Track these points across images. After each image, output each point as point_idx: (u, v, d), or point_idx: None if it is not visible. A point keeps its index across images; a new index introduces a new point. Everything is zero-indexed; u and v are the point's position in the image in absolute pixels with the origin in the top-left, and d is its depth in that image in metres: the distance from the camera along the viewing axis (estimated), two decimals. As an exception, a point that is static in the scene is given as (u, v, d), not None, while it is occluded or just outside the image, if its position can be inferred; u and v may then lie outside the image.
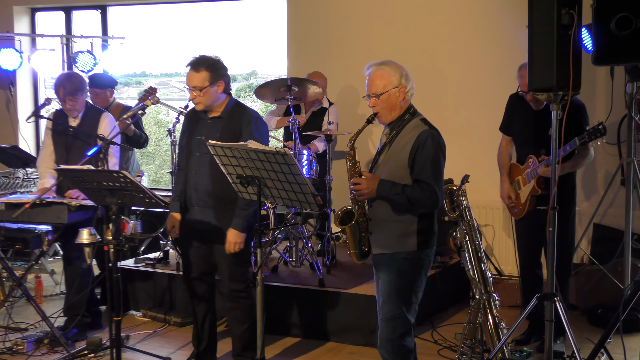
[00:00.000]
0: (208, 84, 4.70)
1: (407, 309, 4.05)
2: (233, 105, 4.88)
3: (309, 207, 4.15)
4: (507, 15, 6.94)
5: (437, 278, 6.22)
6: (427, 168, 3.94)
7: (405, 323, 4.06)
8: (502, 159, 5.62)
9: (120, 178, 4.40)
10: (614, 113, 6.29)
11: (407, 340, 4.09)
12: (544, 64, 3.98)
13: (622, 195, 6.25)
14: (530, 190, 5.27)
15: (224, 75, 4.81)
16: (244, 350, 4.98)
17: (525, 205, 5.34)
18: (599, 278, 6.22)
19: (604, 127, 4.71)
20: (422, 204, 3.96)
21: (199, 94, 4.71)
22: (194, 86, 4.71)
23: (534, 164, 5.22)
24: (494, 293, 4.39)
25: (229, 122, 4.81)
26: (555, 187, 4.13)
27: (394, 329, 4.05)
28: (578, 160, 5.21)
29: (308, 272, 6.31)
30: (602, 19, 3.76)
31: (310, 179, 6.23)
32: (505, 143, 5.64)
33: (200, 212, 4.86)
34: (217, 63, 4.78)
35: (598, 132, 4.72)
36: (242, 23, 11.38)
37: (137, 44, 9.14)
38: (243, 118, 4.80)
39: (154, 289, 6.46)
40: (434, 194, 3.94)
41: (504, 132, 5.64)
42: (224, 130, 4.77)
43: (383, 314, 4.10)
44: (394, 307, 4.04)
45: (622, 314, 3.94)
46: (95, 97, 6.79)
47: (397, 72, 4.06)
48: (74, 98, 5.69)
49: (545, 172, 5.09)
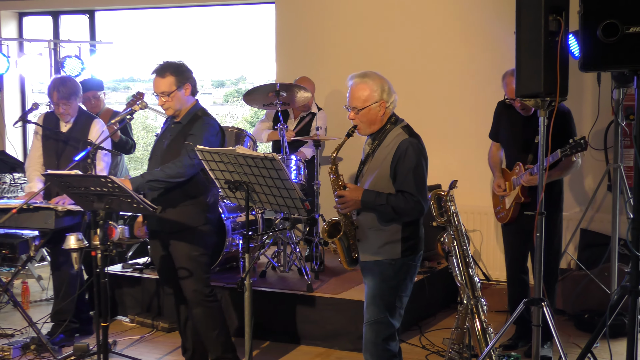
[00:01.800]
0: (175, 88, 4.74)
1: (390, 313, 4.06)
2: (196, 111, 4.89)
3: (297, 212, 4.15)
4: (496, 22, 6.97)
5: (425, 283, 6.23)
6: (410, 178, 3.94)
7: (388, 327, 4.06)
8: (492, 161, 5.66)
9: (108, 183, 4.39)
10: (600, 119, 6.32)
11: (391, 345, 4.09)
12: (532, 70, 4.01)
13: (609, 200, 6.29)
14: (515, 197, 5.30)
15: (190, 78, 4.84)
16: (224, 353, 4.97)
17: (510, 211, 5.37)
18: (586, 283, 6.24)
19: (585, 142, 4.74)
20: (407, 214, 3.97)
21: (167, 99, 4.75)
22: (162, 92, 4.75)
23: (520, 171, 5.25)
24: (481, 298, 4.40)
25: (185, 129, 4.82)
26: (542, 192, 4.15)
27: (377, 333, 4.05)
28: (562, 171, 5.23)
29: (296, 277, 6.31)
30: (589, 25, 3.77)
31: (299, 184, 6.23)
32: (495, 148, 5.67)
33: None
34: (182, 66, 4.81)
35: (579, 147, 4.75)
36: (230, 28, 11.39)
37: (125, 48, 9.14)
38: (196, 122, 4.81)
39: (142, 294, 6.44)
40: (419, 204, 3.94)
41: (493, 138, 5.68)
42: (179, 135, 4.81)
43: (367, 318, 4.10)
44: (377, 311, 4.05)
45: (609, 318, 3.95)
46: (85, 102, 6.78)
47: (378, 87, 4.02)
48: (67, 102, 5.68)
49: (528, 182, 5.12)
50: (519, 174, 5.25)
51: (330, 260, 6.64)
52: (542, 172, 4.18)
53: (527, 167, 5.17)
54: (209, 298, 4.92)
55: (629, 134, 6.20)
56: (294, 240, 6.42)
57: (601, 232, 6.61)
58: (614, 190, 5.96)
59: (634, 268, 3.86)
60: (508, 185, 5.40)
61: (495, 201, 5.59)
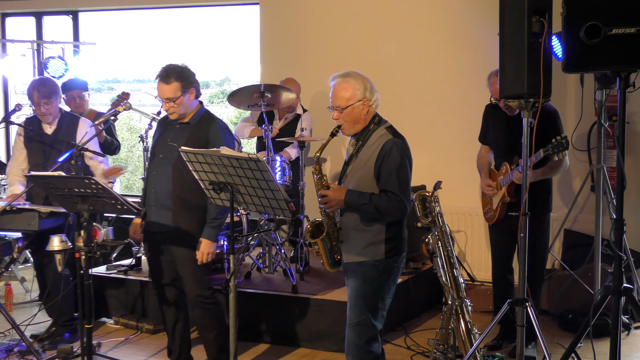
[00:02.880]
0: (180, 93, 4.70)
1: (373, 315, 4.06)
2: (203, 113, 4.88)
3: (282, 214, 4.14)
4: (480, 23, 6.99)
5: (410, 284, 6.24)
6: (393, 178, 3.95)
7: (371, 329, 4.07)
8: (481, 162, 5.67)
9: (92, 184, 4.37)
10: (584, 120, 6.36)
11: (374, 346, 4.10)
12: (515, 71, 4.02)
13: (592, 201, 6.32)
14: (501, 198, 5.32)
15: (195, 82, 4.80)
16: (219, 354, 4.96)
17: (497, 212, 5.39)
18: (569, 283, 6.27)
19: (566, 141, 4.77)
20: (390, 213, 3.98)
21: (172, 104, 4.71)
22: (167, 98, 4.70)
23: (507, 171, 5.27)
24: (466, 299, 4.41)
25: (196, 130, 4.80)
26: (526, 192, 4.16)
27: (360, 334, 4.06)
28: (548, 169, 5.24)
29: (281, 278, 6.31)
30: (572, 27, 3.79)
31: (284, 185, 6.22)
32: (485, 151, 5.68)
33: (158, 214, 4.84)
34: (186, 71, 4.77)
35: (561, 146, 4.78)
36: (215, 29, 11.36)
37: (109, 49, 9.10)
38: (210, 128, 4.79)
39: (126, 296, 6.42)
40: (402, 204, 3.96)
41: (482, 141, 5.69)
42: (191, 137, 4.76)
43: (349, 319, 4.11)
44: (360, 313, 4.05)
45: (593, 318, 3.97)
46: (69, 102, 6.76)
47: (361, 85, 4.05)
48: (49, 101, 5.66)
49: (519, 179, 5.13)
50: (505, 174, 5.27)
51: (315, 261, 6.64)
52: (525, 173, 4.20)
53: (514, 166, 5.19)
54: (209, 300, 4.92)
55: (612, 134, 6.23)
56: (278, 241, 6.41)
57: (585, 232, 6.65)
58: (597, 191, 5.99)
59: (617, 268, 3.88)
60: (495, 185, 5.42)
61: (484, 201, 5.61)
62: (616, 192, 3.94)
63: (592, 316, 3.97)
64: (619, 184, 3.92)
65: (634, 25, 3.68)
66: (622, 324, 5.70)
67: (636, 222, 6.51)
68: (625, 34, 3.70)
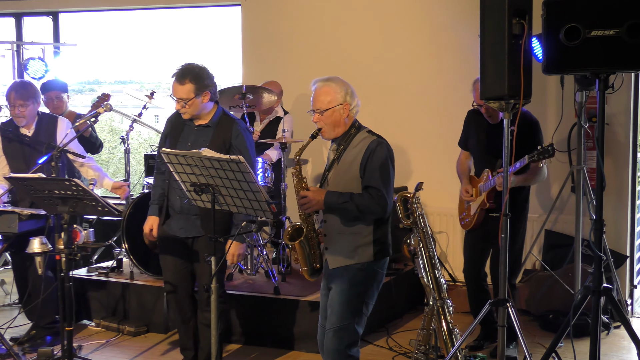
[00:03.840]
0: (193, 95, 4.65)
1: (356, 320, 4.08)
2: (221, 114, 4.84)
3: (264, 215, 4.14)
4: (461, 25, 7.01)
5: (392, 285, 6.25)
6: (376, 174, 3.98)
7: (353, 334, 4.08)
8: (460, 169, 5.69)
9: (72, 186, 4.35)
10: (564, 121, 6.39)
11: (353, 350, 4.11)
12: (496, 73, 4.04)
13: (572, 202, 6.36)
14: (480, 204, 5.34)
15: (210, 85, 4.73)
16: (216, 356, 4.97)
17: (474, 217, 5.41)
18: (550, 284, 6.31)
19: (553, 149, 4.80)
20: (371, 210, 3.98)
21: (184, 105, 4.67)
22: (180, 98, 4.66)
23: (488, 177, 5.28)
24: (447, 299, 4.42)
25: (217, 132, 4.76)
26: (507, 194, 4.19)
27: (341, 339, 4.06)
28: (530, 176, 5.26)
29: (263, 279, 6.30)
30: (552, 29, 3.82)
31: (265, 186, 6.22)
32: (464, 157, 5.71)
33: (184, 220, 4.81)
34: (203, 73, 4.69)
35: (547, 153, 4.81)
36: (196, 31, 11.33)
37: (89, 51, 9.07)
38: (232, 129, 4.76)
39: (107, 298, 6.39)
40: (383, 199, 3.97)
41: (462, 147, 5.71)
42: (214, 139, 4.73)
43: (331, 324, 4.09)
44: (344, 317, 4.05)
45: (573, 318, 3.99)
46: (48, 103, 6.72)
47: (342, 89, 4.07)
48: (24, 104, 5.61)
49: (501, 184, 5.15)
50: (486, 181, 5.30)
51: (296, 264, 6.62)
52: (506, 175, 4.22)
53: (497, 171, 5.20)
54: (221, 299, 4.88)
55: (592, 136, 6.28)
56: (260, 242, 6.41)
57: (565, 233, 6.69)
58: (577, 192, 6.04)
59: (597, 268, 3.90)
60: (475, 192, 5.44)
61: (461, 208, 5.63)
62: (596, 193, 3.98)
63: (572, 316, 3.99)
64: (598, 184, 3.95)
65: (612, 27, 3.71)
66: (602, 324, 5.74)
67: (616, 222, 6.56)
68: (605, 36, 3.73)
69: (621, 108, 6.54)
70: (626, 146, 6.58)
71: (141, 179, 7.47)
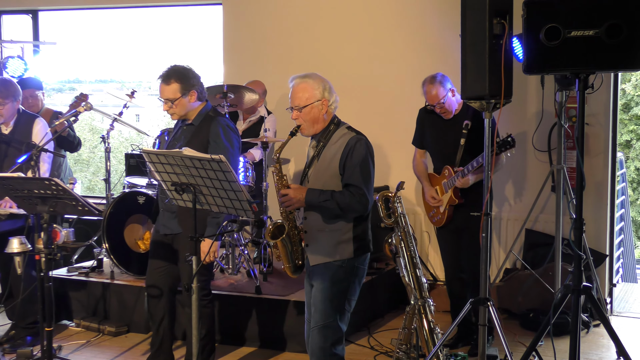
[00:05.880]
0: (180, 95, 4.67)
1: (339, 317, 4.08)
2: (206, 112, 4.83)
3: (245, 214, 4.13)
4: (442, 24, 7.04)
5: (374, 284, 6.26)
6: (357, 172, 3.99)
7: (337, 331, 4.09)
8: (418, 169, 5.73)
9: (52, 186, 4.33)
10: (544, 121, 6.43)
11: (338, 349, 4.12)
12: (477, 72, 4.07)
13: (552, 201, 6.39)
14: (448, 200, 5.37)
15: (196, 84, 4.75)
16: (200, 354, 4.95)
17: (444, 214, 5.45)
18: (530, 282, 6.34)
19: (512, 140, 4.84)
20: (352, 208, 3.99)
21: (171, 105, 4.69)
22: (166, 98, 4.68)
23: (449, 174, 5.33)
24: (429, 298, 4.44)
25: (198, 130, 4.77)
26: (488, 193, 4.21)
27: (326, 337, 4.07)
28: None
29: (245, 279, 6.29)
30: (532, 29, 3.84)
31: (247, 186, 6.21)
32: (419, 155, 5.75)
33: (165, 217, 4.84)
34: (188, 73, 4.73)
35: (507, 144, 4.84)
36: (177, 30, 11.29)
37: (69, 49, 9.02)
38: (211, 128, 4.75)
39: (88, 298, 6.35)
40: (364, 197, 3.98)
41: (418, 145, 5.74)
42: (193, 137, 4.74)
43: (315, 322, 4.10)
44: (327, 315, 4.06)
45: (553, 317, 4.02)
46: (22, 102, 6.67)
47: (320, 85, 4.08)
48: (3, 102, 5.57)
49: (463, 184, 5.22)
50: (449, 177, 5.34)
51: (278, 262, 6.62)
52: (487, 173, 4.24)
53: (457, 169, 5.25)
54: (204, 300, 4.88)
55: (572, 135, 6.32)
56: (242, 242, 6.40)
57: (545, 232, 6.73)
58: (558, 191, 6.07)
59: (577, 267, 3.93)
60: (439, 190, 5.48)
61: (427, 206, 5.65)
62: (576, 192, 4.00)
63: (552, 315, 4.02)
64: (578, 184, 3.97)
65: (592, 28, 3.74)
66: (582, 322, 5.78)
67: (595, 221, 6.60)
68: (584, 36, 3.76)
69: (601, 108, 6.59)
70: (606, 146, 6.63)
71: (122, 178, 7.44)
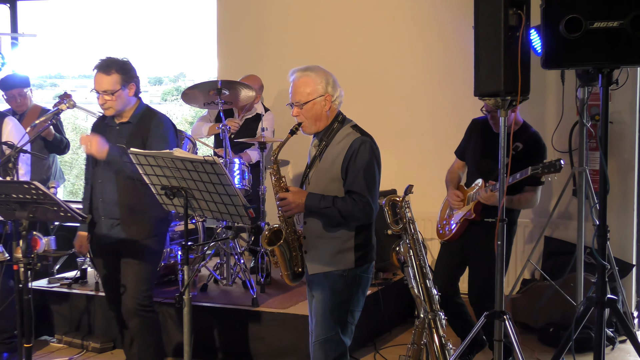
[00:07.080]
0: (119, 87, 4.73)
1: (342, 330, 4.06)
2: (143, 109, 4.91)
3: (241, 220, 4.13)
4: (453, 16, 7.03)
5: (380, 296, 6.25)
6: (360, 178, 3.95)
7: (339, 346, 4.07)
8: (450, 177, 5.63)
9: (32, 190, 4.31)
10: (565, 119, 6.42)
11: None
12: (491, 67, 4.04)
13: (574, 206, 6.38)
14: (465, 214, 5.32)
15: (135, 77, 4.84)
16: None
17: (456, 227, 5.39)
18: (550, 294, 6.33)
19: (560, 165, 4.76)
20: (355, 217, 3.97)
21: (110, 98, 4.73)
22: (105, 90, 4.72)
23: (479, 188, 5.25)
24: (440, 311, 4.42)
25: (137, 128, 4.82)
26: (504, 198, 4.19)
27: (327, 352, 4.05)
28: (520, 199, 5.22)
29: (240, 290, 6.29)
30: (551, 20, 3.83)
31: (242, 189, 6.21)
32: (457, 166, 5.65)
33: (107, 225, 4.87)
34: (128, 64, 4.81)
35: (553, 167, 4.78)
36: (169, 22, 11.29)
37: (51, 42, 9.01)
38: (151, 123, 4.81)
39: (71, 311, 6.35)
40: (368, 205, 3.95)
41: (458, 156, 5.64)
42: (132, 136, 4.79)
43: (316, 336, 4.10)
44: (328, 328, 4.05)
45: (575, 332, 4.01)
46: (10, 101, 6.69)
47: (322, 79, 4.04)
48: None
49: (486, 199, 5.12)
50: (476, 190, 5.27)
51: (277, 272, 6.61)
52: (503, 177, 4.22)
53: (490, 183, 5.17)
54: (147, 309, 4.93)
55: (595, 135, 6.30)
56: (237, 250, 6.39)
57: (566, 239, 6.71)
58: (579, 195, 6.06)
59: (601, 278, 3.92)
60: (463, 198, 5.43)
61: (442, 216, 5.61)
62: (599, 196, 3.99)
63: (574, 329, 4.01)
64: (601, 188, 3.96)
65: (616, 19, 3.73)
66: (606, 338, 5.77)
67: (620, 228, 6.58)
68: (608, 28, 3.75)
69: (626, 105, 6.58)
70: (631, 146, 6.61)
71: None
